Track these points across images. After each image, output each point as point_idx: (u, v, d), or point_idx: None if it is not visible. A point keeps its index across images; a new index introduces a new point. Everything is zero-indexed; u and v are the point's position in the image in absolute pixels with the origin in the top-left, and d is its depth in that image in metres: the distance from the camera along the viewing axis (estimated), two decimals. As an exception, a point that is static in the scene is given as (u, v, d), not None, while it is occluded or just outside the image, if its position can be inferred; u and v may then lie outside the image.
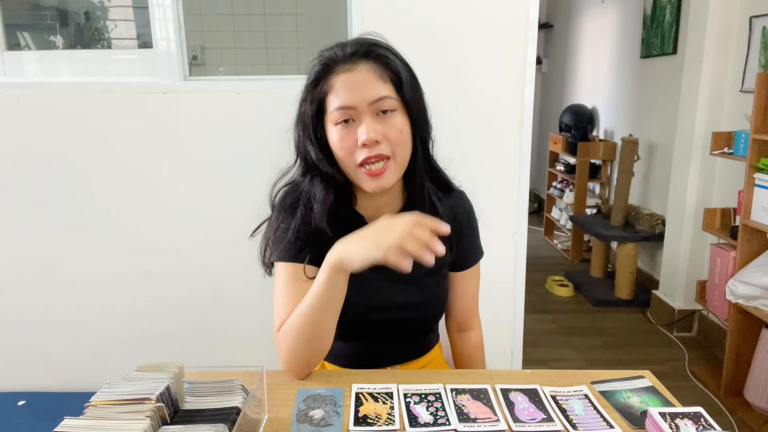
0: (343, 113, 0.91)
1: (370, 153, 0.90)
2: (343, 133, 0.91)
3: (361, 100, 0.90)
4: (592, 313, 3.27)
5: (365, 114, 0.90)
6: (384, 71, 0.92)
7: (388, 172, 0.93)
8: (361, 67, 0.91)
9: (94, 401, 0.73)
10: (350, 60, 0.92)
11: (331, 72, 0.92)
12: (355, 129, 0.91)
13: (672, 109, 3.07)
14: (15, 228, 1.68)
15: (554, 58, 5.51)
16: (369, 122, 0.90)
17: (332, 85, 0.91)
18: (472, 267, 1.13)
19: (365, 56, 0.92)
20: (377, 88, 0.91)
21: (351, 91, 0.90)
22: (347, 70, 0.91)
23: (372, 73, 0.91)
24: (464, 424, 0.83)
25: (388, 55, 0.94)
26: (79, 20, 2.27)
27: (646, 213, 3.38)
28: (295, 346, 0.93)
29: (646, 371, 1.00)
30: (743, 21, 2.60)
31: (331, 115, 0.92)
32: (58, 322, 1.74)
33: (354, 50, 0.92)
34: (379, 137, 0.90)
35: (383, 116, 0.91)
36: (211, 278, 1.71)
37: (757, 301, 2.13)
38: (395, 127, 0.92)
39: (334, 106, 0.91)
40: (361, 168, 0.92)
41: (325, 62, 0.93)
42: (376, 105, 0.90)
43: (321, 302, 0.90)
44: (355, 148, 0.91)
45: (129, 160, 1.64)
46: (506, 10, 1.55)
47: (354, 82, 0.90)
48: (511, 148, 1.63)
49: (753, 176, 2.14)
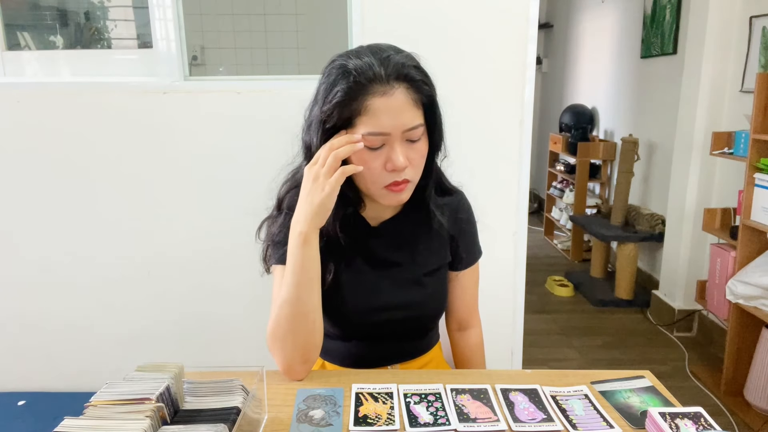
0: (377, 140, 0.89)
1: (398, 178, 0.92)
2: (370, 156, 0.90)
3: (395, 128, 0.89)
4: (592, 313, 3.27)
5: (397, 140, 0.90)
6: (417, 96, 0.90)
7: (406, 191, 0.96)
8: (398, 91, 0.88)
9: (94, 401, 0.73)
10: (386, 82, 0.87)
11: (366, 92, 0.87)
12: (383, 152, 0.90)
13: (672, 109, 3.07)
14: (15, 228, 1.68)
15: (554, 58, 5.51)
16: (400, 149, 0.90)
17: (367, 108, 0.87)
18: (472, 266, 1.13)
19: (402, 79, 0.89)
20: (412, 116, 0.90)
21: (386, 118, 0.88)
22: (384, 94, 0.87)
23: (408, 99, 0.89)
24: (464, 424, 0.83)
25: (423, 78, 0.92)
26: (79, 20, 2.27)
27: (646, 213, 3.38)
28: (286, 337, 0.93)
29: (646, 371, 1.00)
30: (743, 21, 2.60)
31: (359, 136, 0.89)
32: (58, 322, 1.74)
33: (390, 73, 0.88)
34: (407, 163, 0.91)
35: (411, 143, 0.92)
36: (211, 278, 1.71)
37: (757, 301, 2.13)
38: (420, 153, 0.94)
39: (368, 131, 0.88)
40: (387, 188, 0.93)
41: (359, 80, 0.87)
42: (408, 133, 0.90)
43: (300, 277, 0.91)
44: (381, 170, 0.91)
45: (129, 160, 1.64)
46: (506, 10, 1.55)
47: (391, 109, 0.88)
48: (511, 148, 1.63)
49: (753, 176, 2.14)
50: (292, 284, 0.91)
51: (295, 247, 0.91)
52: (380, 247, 1.04)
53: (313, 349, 0.96)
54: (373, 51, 0.91)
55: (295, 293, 0.91)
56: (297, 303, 0.92)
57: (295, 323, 0.92)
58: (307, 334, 0.94)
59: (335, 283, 1.01)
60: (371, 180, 0.93)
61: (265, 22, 2.55)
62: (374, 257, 1.04)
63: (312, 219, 0.89)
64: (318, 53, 2.46)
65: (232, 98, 1.60)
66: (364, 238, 1.03)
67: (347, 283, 1.02)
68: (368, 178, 0.93)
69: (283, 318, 0.93)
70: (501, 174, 1.65)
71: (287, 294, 0.92)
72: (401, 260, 1.05)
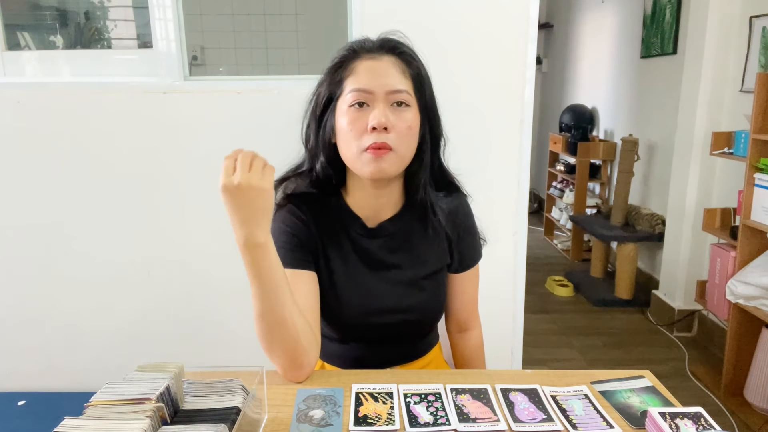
0: (359, 95, 0.92)
1: (378, 139, 0.90)
2: (354, 116, 0.92)
3: (379, 86, 0.91)
4: (592, 313, 3.27)
5: (380, 101, 0.91)
6: (406, 68, 0.95)
7: (388, 157, 0.92)
8: (386, 58, 0.95)
9: (94, 401, 0.73)
10: (376, 50, 0.95)
11: (356, 57, 0.95)
12: (367, 114, 0.91)
13: (672, 109, 3.07)
14: (15, 228, 1.68)
15: (554, 58, 5.51)
16: (382, 108, 0.91)
17: (354, 69, 0.94)
18: (471, 269, 1.12)
19: (391, 50, 0.96)
20: (397, 80, 0.93)
21: (371, 76, 0.92)
22: (371, 58, 0.94)
23: (395, 66, 0.94)
24: (464, 424, 0.82)
25: (413, 55, 0.98)
26: (79, 20, 2.28)
27: (646, 213, 3.38)
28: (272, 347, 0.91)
29: (646, 371, 1.00)
30: (743, 21, 2.60)
31: (346, 97, 0.93)
32: (58, 322, 1.74)
33: (381, 44, 0.96)
34: (389, 125, 0.91)
35: (397, 108, 0.93)
36: (211, 278, 1.71)
37: (757, 301, 2.13)
38: (405, 121, 0.93)
39: (351, 87, 0.92)
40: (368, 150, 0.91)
41: (351, 48, 0.96)
42: (392, 95, 0.92)
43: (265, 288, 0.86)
44: (364, 132, 0.91)
45: (129, 159, 1.64)
46: (506, 10, 1.55)
47: (376, 69, 0.93)
48: (511, 148, 1.63)
49: (753, 176, 2.14)
50: (261, 297, 0.87)
51: (256, 260, 0.84)
52: (378, 249, 1.03)
53: (302, 354, 0.91)
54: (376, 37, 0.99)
55: (265, 305, 0.87)
56: (270, 313, 0.87)
57: (275, 333, 0.89)
58: (291, 340, 0.89)
59: (332, 285, 1.01)
60: (355, 141, 0.92)
61: (265, 22, 2.55)
62: (372, 259, 1.03)
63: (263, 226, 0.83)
64: (318, 53, 2.46)
65: (232, 98, 1.60)
66: (362, 240, 1.02)
67: (344, 286, 1.01)
68: (352, 140, 0.92)
69: (262, 331, 0.89)
70: (501, 174, 1.65)
71: (257, 308, 0.88)
72: (399, 262, 1.04)
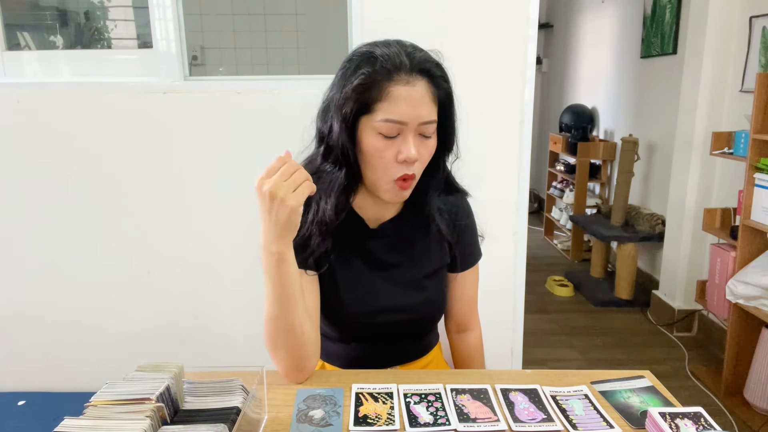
0: (394, 128, 0.89)
1: (408, 171, 0.91)
2: (385, 144, 0.90)
3: (413, 119, 0.89)
4: (592, 313, 3.27)
5: (411, 132, 0.90)
6: (436, 91, 0.92)
7: (410, 186, 0.95)
8: (420, 83, 0.89)
9: (94, 401, 0.73)
10: (410, 72, 0.89)
11: (390, 78, 0.88)
12: (397, 142, 0.90)
13: (672, 109, 3.07)
14: (15, 227, 1.68)
15: (554, 58, 5.51)
16: (413, 141, 0.90)
17: (389, 94, 0.88)
18: (471, 268, 1.13)
19: (425, 73, 0.90)
20: (429, 110, 0.91)
21: (407, 107, 0.88)
22: (407, 83, 0.88)
23: (427, 93, 0.90)
24: (464, 424, 0.83)
25: (445, 77, 0.94)
26: (79, 20, 2.28)
27: (646, 213, 3.38)
28: (277, 349, 0.92)
29: (646, 371, 1.00)
30: (743, 21, 2.60)
31: (378, 124, 0.89)
32: (58, 322, 1.74)
33: (417, 66, 0.89)
34: (418, 157, 0.91)
35: (424, 138, 0.92)
36: (211, 278, 1.71)
37: (757, 301, 2.13)
38: (429, 150, 0.94)
39: (386, 117, 0.88)
40: (396, 182, 0.93)
41: (385, 66, 0.88)
42: (422, 127, 0.91)
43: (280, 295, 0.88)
44: (393, 161, 0.91)
45: (129, 159, 1.64)
46: (506, 10, 1.55)
47: (411, 99, 0.88)
48: (511, 148, 1.63)
49: (753, 176, 2.14)
50: (274, 302, 0.89)
51: (271, 266, 0.86)
52: (379, 249, 1.04)
53: (306, 358, 0.94)
54: (399, 43, 0.93)
55: (278, 310, 0.89)
56: (281, 319, 0.90)
57: (282, 337, 0.91)
58: (297, 346, 0.92)
59: (333, 285, 1.01)
60: (383, 170, 0.92)
61: (265, 22, 2.55)
62: (373, 259, 1.03)
63: (282, 237, 0.84)
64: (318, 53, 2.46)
65: (232, 98, 1.60)
66: (363, 240, 1.03)
67: (345, 286, 1.02)
68: (380, 168, 0.92)
69: (270, 333, 0.91)
70: (501, 174, 1.65)
71: (270, 311, 0.90)
72: (400, 262, 1.04)
